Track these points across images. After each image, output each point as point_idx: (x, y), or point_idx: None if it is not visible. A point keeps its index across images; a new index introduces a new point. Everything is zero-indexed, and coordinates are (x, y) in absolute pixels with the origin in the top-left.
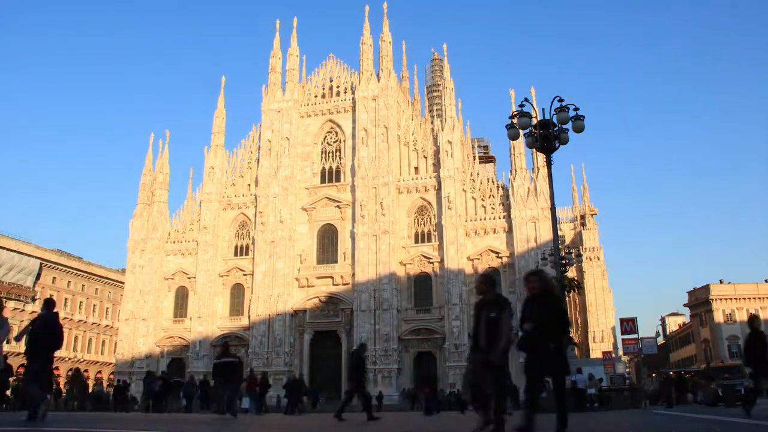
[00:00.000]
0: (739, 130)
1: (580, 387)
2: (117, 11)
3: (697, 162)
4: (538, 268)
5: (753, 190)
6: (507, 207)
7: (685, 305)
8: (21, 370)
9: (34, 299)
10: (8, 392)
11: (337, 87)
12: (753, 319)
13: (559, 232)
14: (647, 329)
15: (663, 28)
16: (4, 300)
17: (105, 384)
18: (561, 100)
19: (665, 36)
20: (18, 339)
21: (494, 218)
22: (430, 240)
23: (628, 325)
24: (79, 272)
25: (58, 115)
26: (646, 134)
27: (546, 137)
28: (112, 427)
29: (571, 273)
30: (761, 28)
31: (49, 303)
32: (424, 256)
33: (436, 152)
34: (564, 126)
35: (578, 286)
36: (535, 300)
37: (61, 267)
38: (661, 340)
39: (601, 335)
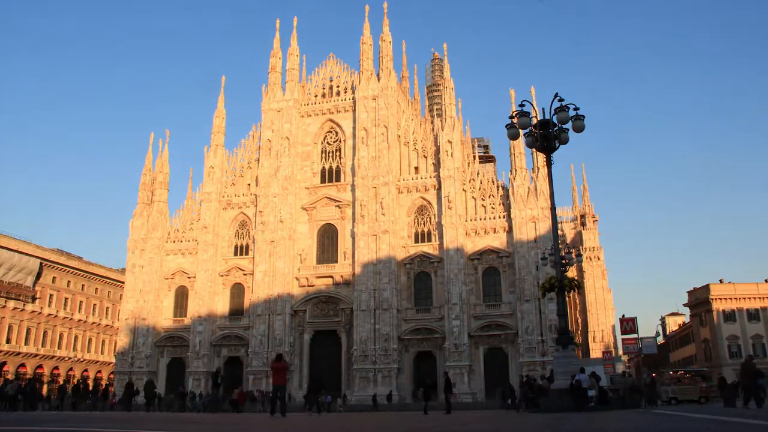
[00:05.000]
0: (739, 130)
1: (584, 387)
2: (117, 11)
3: (698, 162)
4: None
5: (753, 190)
6: (507, 207)
7: (685, 305)
8: (22, 369)
9: (34, 299)
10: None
11: (337, 87)
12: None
13: (559, 232)
14: (647, 329)
15: (663, 28)
16: None
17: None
18: (561, 100)
19: (665, 36)
20: None
21: (494, 218)
22: (430, 240)
23: (628, 324)
24: (79, 272)
25: (58, 115)
26: (647, 134)
27: (546, 137)
28: (114, 427)
29: (571, 273)
30: (762, 30)
31: None
32: (424, 256)
33: (436, 152)
34: (564, 126)
35: (578, 286)
36: None
37: (61, 267)
38: (661, 340)
39: (601, 335)
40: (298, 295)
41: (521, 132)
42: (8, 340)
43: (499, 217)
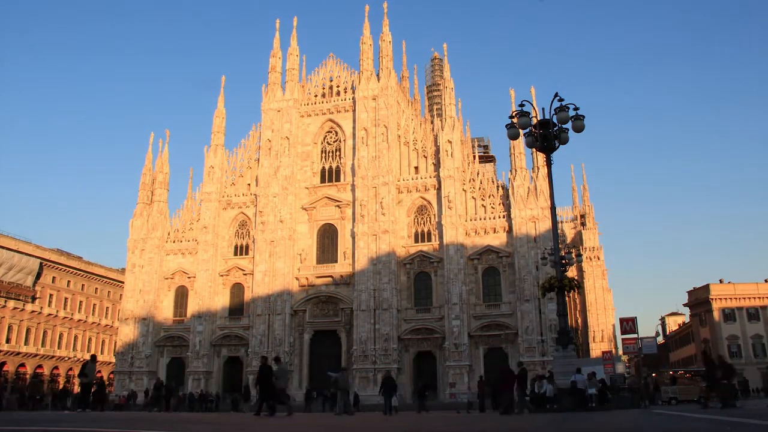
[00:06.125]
0: (739, 129)
1: (580, 387)
2: (117, 11)
3: (697, 161)
4: None
5: (753, 189)
6: (507, 207)
7: (685, 305)
8: (22, 369)
9: (34, 299)
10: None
11: (337, 86)
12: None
13: (559, 232)
14: (647, 329)
15: (663, 27)
16: None
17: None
18: (561, 100)
19: (665, 35)
20: None
21: (494, 218)
22: (430, 239)
23: (628, 324)
24: (79, 272)
25: (58, 114)
26: (646, 133)
27: (546, 137)
28: (115, 427)
29: (571, 273)
30: (761, 28)
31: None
32: (424, 256)
33: (436, 152)
34: (564, 126)
35: (578, 286)
36: None
37: (61, 266)
38: (661, 340)
39: (601, 335)
40: (298, 295)
41: (521, 132)
42: (8, 340)
43: (499, 217)
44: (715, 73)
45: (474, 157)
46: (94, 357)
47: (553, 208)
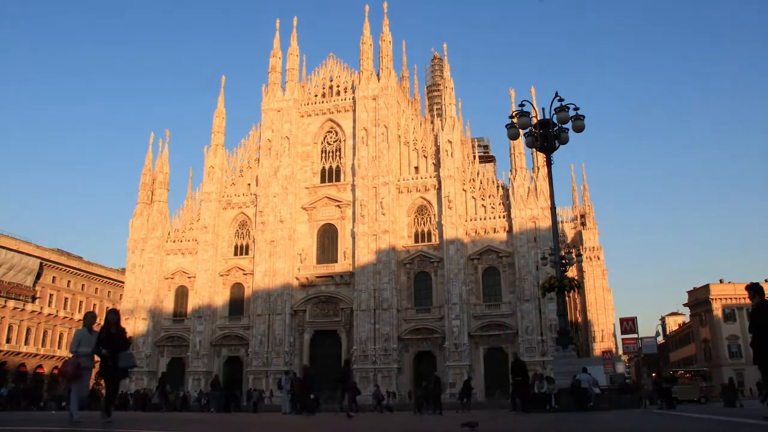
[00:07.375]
0: (739, 129)
1: (584, 387)
2: (116, 11)
3: (697, 161)
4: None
5: (753, 189)
6: (507, 206)
7: (685, 305)
8: (22, 369)
9: (34, 299)
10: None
11: (337, 86)
12: None
13: (559, 232)
14: (647, 329)
15: (663, 26)
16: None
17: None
18: (561, 99)
19: (666, 35)
20: None
21: (494, 218)
22: (430, 239)
23: (628, 324)
24: (79, 272)
25: (58, 115)
26: (647, 134)
27: (546, 137)
28: (116, 427)
29: (571, 273)
30: (761, 28)
31: None
32: (424, 256)
33: (436, 152)
34: (564, 125)
35: (578, 286)
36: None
37: (61, 266)
38: (661, 340)
39: (601, 335)
40: (298, 295)
41: (521, 132)
42: (8, 340)
43: (499, 217)
44: (716, 72)
45: (474, 157)
46: None
47: (553, 208)
